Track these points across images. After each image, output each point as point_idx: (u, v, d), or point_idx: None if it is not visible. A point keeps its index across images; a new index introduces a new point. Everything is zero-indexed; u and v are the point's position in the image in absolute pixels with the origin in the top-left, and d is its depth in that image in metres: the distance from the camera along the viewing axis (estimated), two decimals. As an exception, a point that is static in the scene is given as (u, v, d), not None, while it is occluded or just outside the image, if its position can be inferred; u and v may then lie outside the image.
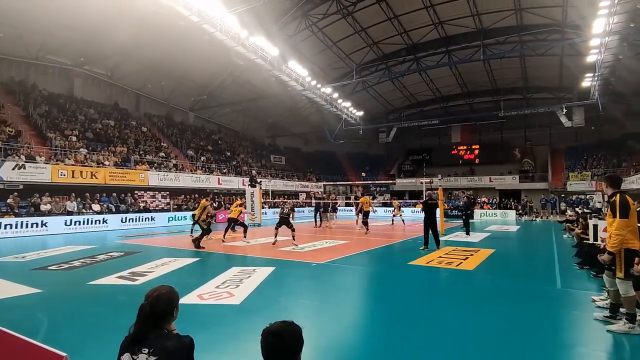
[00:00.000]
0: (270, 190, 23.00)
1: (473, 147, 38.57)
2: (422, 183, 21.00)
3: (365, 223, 15.63)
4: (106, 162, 19.76)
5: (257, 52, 20.59)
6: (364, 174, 34.44)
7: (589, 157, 32.33)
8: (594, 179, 29.21)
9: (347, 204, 30.87)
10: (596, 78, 22.95)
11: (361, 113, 33.19)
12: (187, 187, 23.34)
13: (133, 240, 13.63)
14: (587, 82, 24.19)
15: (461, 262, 8.49)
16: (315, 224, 19.17)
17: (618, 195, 4.19)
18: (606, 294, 4.87)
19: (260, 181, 21.15)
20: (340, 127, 33.50)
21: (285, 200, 26.53)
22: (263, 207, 22.26)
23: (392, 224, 20.02)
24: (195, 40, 19.96)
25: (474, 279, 7.13)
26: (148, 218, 19.30)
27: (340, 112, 31.68)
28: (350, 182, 36.34)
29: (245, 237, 12.95)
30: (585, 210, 16.27)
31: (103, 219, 17.40)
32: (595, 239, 7.98)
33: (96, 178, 18.47)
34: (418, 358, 3.67)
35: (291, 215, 11.54)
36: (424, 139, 41.27)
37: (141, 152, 22.93)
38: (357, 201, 18.15)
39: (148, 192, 21.84)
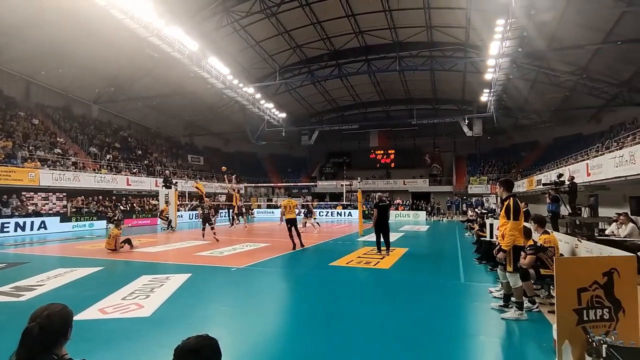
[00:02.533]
0: (187, 192, 21.65)
1: (389, 151, 40.97)
2: (342, 185, 21.60)
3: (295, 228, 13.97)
4: (-16, 158, 16.80)
5: (173, 44, 19.29)
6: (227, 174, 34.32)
7: (486, 163, 36.48)
8: (489, 183, 33.02)
9: (269, 206, 30.56)
10: (492, 94, 26.00)
11: (284, 115, 33.16)
12: (89, 188, 20.89)
13: (18, 249, 11.75)
14: (484, 96, 27.27)
15: (378, 262, 8.86)
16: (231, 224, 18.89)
17: (511, 199, 4.69)
18: (500, 285, 5.42)
19: (176, 182, 19.80)
20: (262, 128, 33.06)
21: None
22: (179, 210, 20.90)
23: (305, 226, 19.77)
24: (102, 25, 18.02)
25: (390, 277, 7.47)
26: (39, 223, 16.83)
27: (263, 113, 31.29)
28: (273, 184, 36.04)
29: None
30: (483, 211, 18.31)
31: (-21, 224, 14.75)
32: (492, 236, 8.93)
33: (-30, 177, 15.59)
34: (340, 356, 3.67)
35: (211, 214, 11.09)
36: (344, 142, 42.69)
37: (31, 148, 19.96)
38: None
39: (39, 194, 19.09)
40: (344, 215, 30.12)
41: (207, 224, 13.51)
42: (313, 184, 36.97)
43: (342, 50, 27.22)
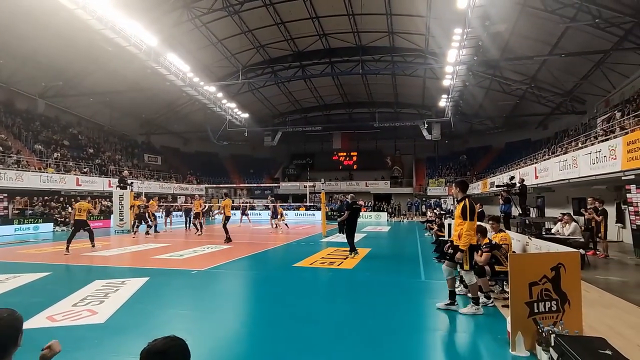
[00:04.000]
0: (144, 192, 20.70)
1: (352, 153, 41.57)
2: (305, 187, 21.63)
3: (224, 228, 13.52)
4: None
5: (129, 39, 18.43)
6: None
7: (443, 166, 37.96)
8: (447, 185, 34.39)
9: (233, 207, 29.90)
10: (449, 99, 27.13)
11: (247, 115, 32.68)
12: (34, 188, 19.42)
13: (-49, 254, 10.69)
14: (442, 102, 28.40)
15: (342, 262, 8.95)
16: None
17: (466, 200, 4.90)
18: (458, 282, 5.64)
19: (132, 182, 18.91)
20: (224, 128, 32.39)
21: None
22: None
23: (275, 227, 19.85)
24: (50, 15, 16.86)
25: (353, 277, 7.56)
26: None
27: (225, 113, 30.66)
28: (235, 185, 35.39)
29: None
30: (441, 212, 19.04)
31: None
32: (449, 236, 9.29)
33: None
34: (303, 356, 3.66)
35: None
36: (307, 144, 42.77)
37: (-33, 144, 18.30)
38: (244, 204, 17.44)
39: (-24, 194, 17.53)
40: (307, 217, 30.16)
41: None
42: (276, 185, 36.71)
43: (306, 51, 27.26)
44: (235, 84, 28.25)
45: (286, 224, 20.23)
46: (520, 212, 11.67)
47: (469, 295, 5.02)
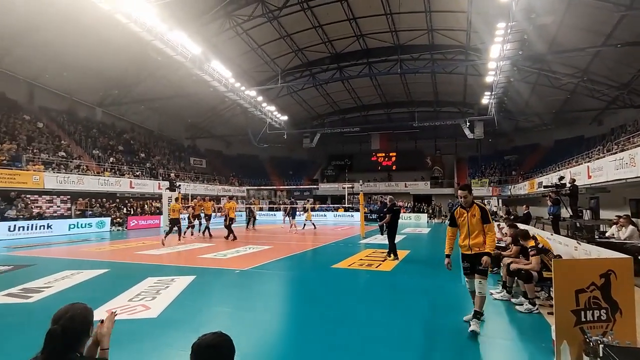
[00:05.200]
0: (190, 194, 21.73)
1: (391, 154, 41.06)
2: (344, 188, 21.70)
3: (228, 227, 14.53)
4: (-11, 162, 16.94)
5: (176, 48, 19.45)
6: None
7: (487, 165, 36.51)
8: (491, 185, 33.05)
9: (270, 209, 30.69)
10: (493, 96, 26.06)
11: (285, 118, 33.29)
12: (93, 190, 21.04)
13: (24, 251, 11.86)
14: (485, 99, 27.33)
15: (380, 264, 8.94)
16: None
17: (477, 202, 4.66)
18: (500, 287, 5.49)
19: (180, 185, 19.92)
20: (264, 131, 33.20)
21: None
22: (182, 213, 20.96)
23: (303, 228, 19.86)
24: (105, 29, 18.18)
25: (391, 280, 7.55)
26: (43, 226, 16.97)
27: (265, 116, 31.43)
28: (274, 187, 36.15)
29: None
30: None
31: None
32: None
33: (-25, 180, 15.72)
34: (340, 356, 3.76)
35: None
36: (345, 145, 42.79)
37: (35, 151, 20.13)
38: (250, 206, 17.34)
39: (44, 197, 19.23)
40: (346, 218, 30.19)
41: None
42: (315, 186, 37.05)
43: (343, 53, 27.35)
44: (275, 88, 28.90)
45: (313, 224, 20.35)
46: (571, 214, 11.03)
47: (475, 309, 4.47)
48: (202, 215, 16.46)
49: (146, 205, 24.63)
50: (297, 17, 22.83)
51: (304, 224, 20.18)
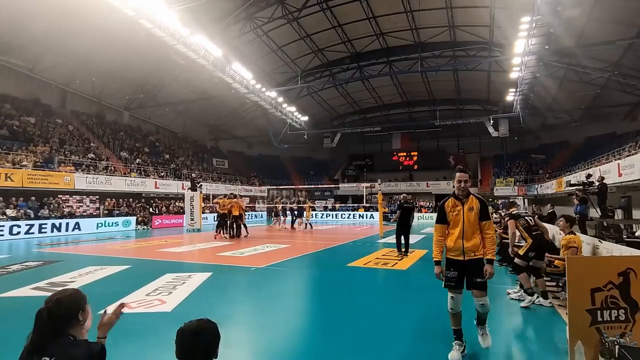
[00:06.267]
0: (212, 194, 22.17)
1: (412, 153, 40.51)
2: (363, 188, 21.59)
3: (233, 225, 14.89)
4: (24, 163, 17.82)
5: (198, 51, 19.92)
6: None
7: (512, 164, 35.44)
8: (516, 185, 32.06)
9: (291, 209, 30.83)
10: (518, 93, 25.31)
11: (306, 118, 33.46)
12: (120, 191, 21.79)
13: (54, 248, 12.42)
14: (510, 96, 26.56)
15: (396, 263, 8.84)
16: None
17: (474, 192, 3.94)
18: (517, 287, 5.33)
19: (201, 185, 20.36)
20: (285, 132, 33.48)
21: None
22: (204, 212, 21.48)
23: (306, 227, 19.66)
24: (130, 34, 18.81)
25: (406, 278, 7.45)
26: (73, 224, 17.71)
27: (285, 117, 31.69)
28: (294, 187, 36.33)
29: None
30: (508, 212, 17.84)
31: (18, 225, 15.66)
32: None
33: (12, 180, 16.56)
34: (353, 354, 3.74)
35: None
36: (366, 145, 42.54)
37: (67, 153, 21.04)
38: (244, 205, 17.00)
39: (74, 197, 20.06)
40: (366, 218, 30.02)
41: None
42: (335, 186, 37.03)
43: (363, 52, 27.23)
44: (295, 89, 29.11)
45: (310, 224, 20.11)
46: (600, 213, 10.54)
47: (477, 323, 3.79)
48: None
49: (171, 205, 25.27)
50: (317, 18, 22.91)
51: (306, 223, 20.00)
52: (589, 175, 11.56)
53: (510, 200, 6.19)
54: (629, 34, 17.77)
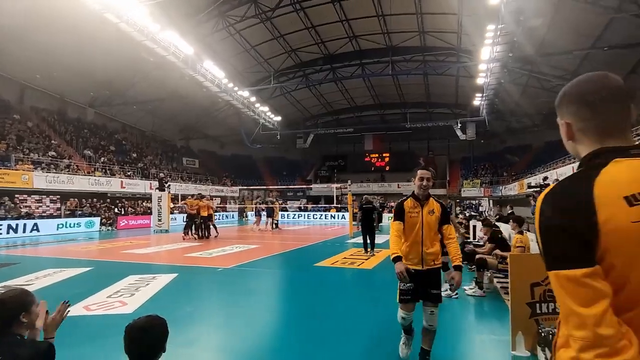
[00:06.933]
0: (180, 195, 21.74)
1: (384, 155, 41.20)
2: (335, 189, 21.82)
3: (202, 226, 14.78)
4: (-23, 161, 16.88)
5: (168, 48, 19.50)
6: None
7: (479, 167, 36.75)
8: (482, 186, 33.27)
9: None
10: (484, 98, 26.31)
11: (279, 118, 33.39)
12: (83, 190, 21.00)
13: (10, 250, 11.85)
14: (477, 101, 27.58)
15: (363, 262, 9.04)
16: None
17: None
18: (474, 284, 5.62)
19: (169, 185, 19.93)
20: (257, 131, 33.28)
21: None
22: (172, 213, 21.04)
23: (273, 228, 19.61)
24: (97, 29, 18.17)
25: (372, 277, 7.64)
26: (31, 225, 16.91)
27: (258, 116, 31.50)
28: (267, 187, 36.16)
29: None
30: (473, 214, 18.54)
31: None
32: (474, 237, 9.13)
33: (-37, 179, 15.66)
34: (322, 352, 3.84)
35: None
36: (339, 145, 42.91)
37: (25, 150, 20.07)
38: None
39: (33, 196, 19.17)
40: (337, 218, 30.30)
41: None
42: (308, 186, 37.14)
43: (336, 54, 27.50)
44: (268, 88, 29.00)
45: (275, 224, 19.95)
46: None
47: (423, 346, 3.41)
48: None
49: (138, 206, 24.59)
50: (290, 18, 22.94)
51: (275, 223, 19.93)
52: (545, 178, 12.24)
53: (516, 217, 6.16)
54: (585, 45, 18.88)
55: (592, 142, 0.96)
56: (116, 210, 22.59)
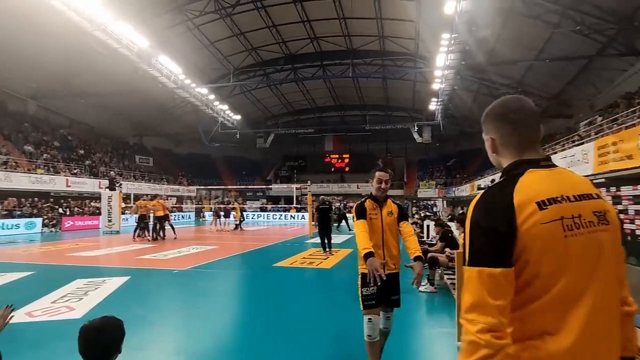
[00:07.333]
0: (133, 194, 20.73)
1: (344, 156, 41.81)
2: (295, 189, 21.85)
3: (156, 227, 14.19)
4: None
5: (121, 40, 18.53)
6: None
7: (434, 168, 38.31)
8: (437, 187, 34.71)
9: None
10: (439, 103, 27.47)
11: (239, 117, 32.81)
12: (23, 189, 19.44)
13: (-64, 254, 10.76)
14: (433, 105, 28.72)
15: (322, 262, 9.16)
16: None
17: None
18: (425, 280, 5.92)
19: (121, 184, 18.98)
20: (216, 130, 32.50)
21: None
22: (124, 213, 20.04)
23: (235, 229, 19.40)
24: (43, 17, 16.91)
25: (330, 276, 7.77)
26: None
27: (217, 115, 30.78)
28: (225, 187, 35.45)
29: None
30: (427, 214, 19.33)
31: None
32: (428, 237, 9.54)
33: None
34: (280, 352, 3.86)
35: None
36: (299, 146, 42.94)
37: (-44, 145, 18.28)
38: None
39: (-36, 195, 17.51)
40: (297, 218, 30.34)
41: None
42: (268, 187, 36.85)
43: (298, 54, 27.50)
44: (228, 86, 28.42)
45: (237, 224, 19.69)
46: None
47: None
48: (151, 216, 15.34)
49: (85, 206, 23.19)
50: (251, 16, 22.62)
51: (236, 225, 19.64)
52: (493, 180, 13.02)
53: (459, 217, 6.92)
54: (530, 56, 20.28)
55: (512, 155, 1.13)
56: (60, 210, 21.15)
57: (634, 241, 6.60)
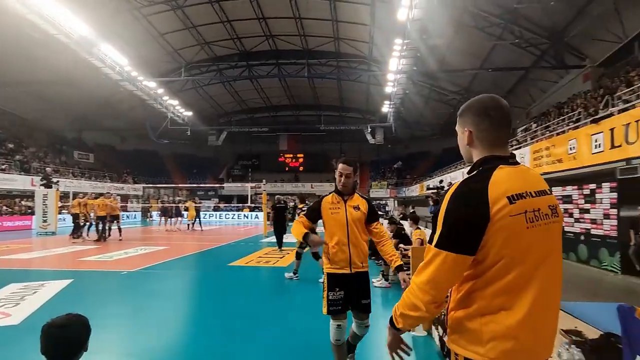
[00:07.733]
0: (72, 192, 19.26)
1: (298, 155, 41.84)
2: (249, 188, 21.54)
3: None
4: None
5: (58, 26, 17.09)
6: None
7: (386, 169, 39.56)
8: (389, 188, 35.88)
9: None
10: (391, 106, 28.40)
11: (190, 113, 31.63)
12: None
13: None
14: (385, 108, 29.64)
15: (277, 260, 9.14)
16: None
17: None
18: (380, 276, 6.14)
19: (57, 181, 17.56)
20: (165, 126, 31.10)
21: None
22: (61, 213, 18.54)
23: (188, 228, 18.81)
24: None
25: (285, 273, 7.77)
26: None
27: (166, 110, 29.44)
28: (175, 185, 34.05)
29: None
30: (380, 213, 19.95)
31: None
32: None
33: None
34: (236, 351, 3.81)
35: None
36: (253, 144, 42.27)
37: None
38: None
39: None
40: (251, 218, 29.93)
41: None
42: (220, 185, 35.94)
43: (253, 52, 27.10)
44: (178, 81, 27.33)
45: (191, 225, 19.02)
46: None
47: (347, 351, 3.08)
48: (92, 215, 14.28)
49: (15, 205, 21.18)
50: (204, 9, 21.93)
51: (189, 224, 19.01)
52: (441, 181, 13.77)
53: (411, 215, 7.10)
54: (476, 65, 21.63)
55: (484, 149, 1.24)
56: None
57: (563, 237, 7.32)
